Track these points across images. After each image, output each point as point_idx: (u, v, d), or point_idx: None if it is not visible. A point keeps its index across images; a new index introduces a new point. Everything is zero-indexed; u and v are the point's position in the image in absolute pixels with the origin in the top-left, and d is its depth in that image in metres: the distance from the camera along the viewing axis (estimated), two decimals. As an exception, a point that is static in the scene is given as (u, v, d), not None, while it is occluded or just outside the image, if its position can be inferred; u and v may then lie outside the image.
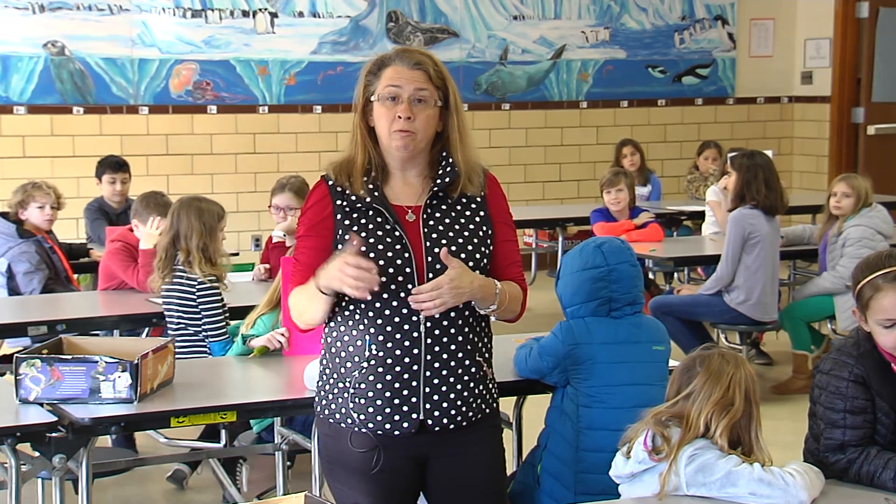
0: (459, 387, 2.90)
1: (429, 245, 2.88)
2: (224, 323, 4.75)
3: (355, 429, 2.90)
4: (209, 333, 4.73)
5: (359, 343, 2.88)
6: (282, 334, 4.13)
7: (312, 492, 3.76)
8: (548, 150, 10.14)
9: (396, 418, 2.88)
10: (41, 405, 3.52)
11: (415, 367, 2.86)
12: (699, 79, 10.61)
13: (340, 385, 2.92)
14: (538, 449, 3.70)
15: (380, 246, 2.86)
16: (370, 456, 2.89)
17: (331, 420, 2.95)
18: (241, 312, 4.57)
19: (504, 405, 3.21)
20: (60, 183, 6.59)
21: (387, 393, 2.87)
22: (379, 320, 2.85)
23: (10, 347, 5.59)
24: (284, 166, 8.93)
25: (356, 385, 2.89)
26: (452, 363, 2.89)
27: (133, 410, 3.51)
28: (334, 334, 2.94)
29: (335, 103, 9.27)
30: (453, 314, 2.87)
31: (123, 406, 3.51)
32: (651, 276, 7.16)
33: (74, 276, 6.31)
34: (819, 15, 10.67)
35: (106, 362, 3.51)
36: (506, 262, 2.99)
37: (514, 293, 2.96)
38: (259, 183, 9.00)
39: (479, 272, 2.91)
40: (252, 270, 5.89)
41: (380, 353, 2.86)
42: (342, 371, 2.92)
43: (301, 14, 9.22)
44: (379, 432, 2.89)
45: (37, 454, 3.54)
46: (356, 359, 2.89)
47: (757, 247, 6.10)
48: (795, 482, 2.80)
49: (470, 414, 2.94)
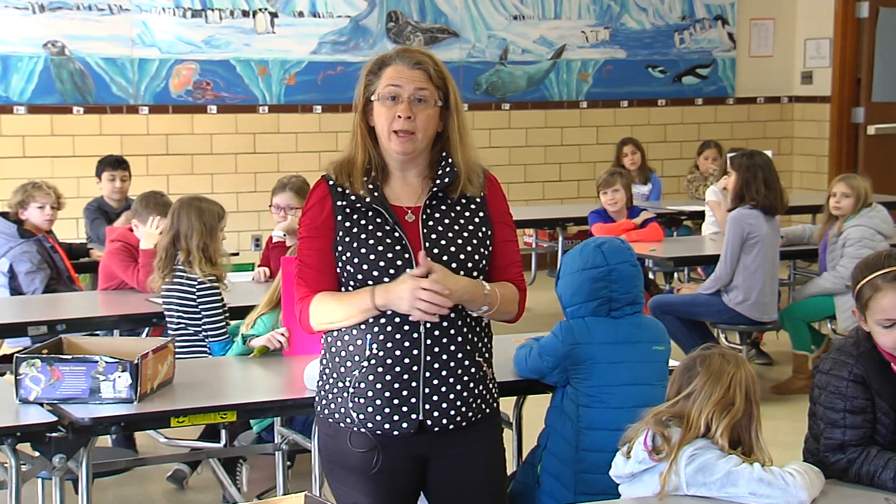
0: (459, 387, 2.90)
1: (428, 245, 2.88)
2: (224, 323, 4.75)
3: (355, 428, 2.90)
4: (209, 333, 4.73)
5: (359, 343, 2.88)
6: (282, 334, 4.12)
7: (312, 492, 3.76)
8: (548, 150, 10.14)
9: (396, 418, 2.88)
10: (41, 405, 3.51)
11: (414, 368, 2.86)
12: (699, 79, 10.60)
13: (340, 385, 2.92)
14: (538, 449, 3.70)
15: (379, 247, 2.86)
16: (370, 456, 2.89)
17: (331, 420, 2.95)
18: (241, 312, 4.57)
19: (504, 405, 3.20)
20: (60, 183, 6.59)
21: (386, 393, 2.87)
22: (380, 320, 2.85)
23: (10, 347, 5.59)
24: (284, 166, 8.93)
25: (356, 385, 2.89)
26: (452, 363, 2.89)
27: (133, 410, 3.50)
28: (335, 334, 2.94)
29: (335, 103, 9.27)
30: (453, 314, 2.86)
31: (123, 406, 3.51)
32: (651, 276, 7.16)
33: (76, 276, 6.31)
34: (819, 15, 10.67)
35: (106, 362, 3.51)
36: (505, 263, 2.98)
37: (509, 294, 2.95)
38: (259, 183, 8.99)
39: (479, 273, 2.92)
40: (252, 270, 5.89)
41: (380, 353, 2.86)
42: (342, 371, 2.92)
43: (301, 14, 9.22)
44: (378, 432, 2.89)
45: (37, 454, 3.53)
46: (356, 358, 2.89)
47: (756, 247, 6.09)
48: (795, 482, 2.80)
49: (470, 414, 2.94)
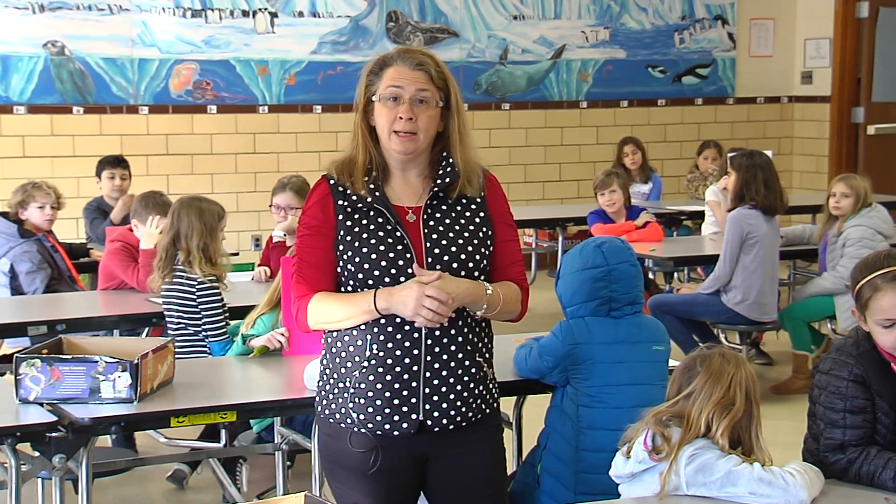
0: (459, 387, 2.90)
1: (429, 245, 2.88)
2: (224, 323, 4.75)
3: (355, 429, 2.90)
4: (209, 333, 4.73)
5: (359, 343, 2.88)
6: (282, 334, 4.12)
7: (312, 492, 3.76)
8: (548, 150, 10.14)
9: (396, 418, 2.88)
10: (41, 405, 3.51)
11: (415, 368, 2.86)
12: (699, 79, 10.60)
13: (341, 385, 2.92)
14: (538, 449, 3.70)
15: (381, 246, 2.86)
16: (370, 456, 2.89)
17: (331, 420, 2.95)
18: (241, 312, 4.57)
19: (504, 405, 3.20)
20: (60, 183, 6.58)
21: (387, 393, 2.87)
22: (380, 321, 2.85)
23: (10, 348, 5.59)
24: (284, 166, 8.93)
25: (356, 385, 2.89)
26: (452, 363, 2.89)
27: (133, 410, 3.50)
28: (335, 334, 2.94)
29: (335, 103, 9.27)
30: (453, 315, 2.86)
31: (123, 406, 3.51)
32: (651, 276, 7.16)
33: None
34: (819, 15, 10.66)
35: (106, 362, 3.51)
36: (506, 263, 2.99)
37: (511, 294, 2.95)
38: (259, 183, 8.99)
39: (480, 273, 2.92)
40: (252, 270, 5.89)
41: (380, 353, 2.86)
42: (342, 371, 2.92)
43: (301, 14, 9.21)
44: (378, 432, 2.89)
45: (37, 454, 3.53)
46: (356, 359, 2.89)
47: (755, 247, 6.09)
48: (795, 482, 2.80)
49: (470, 414, 2.94)
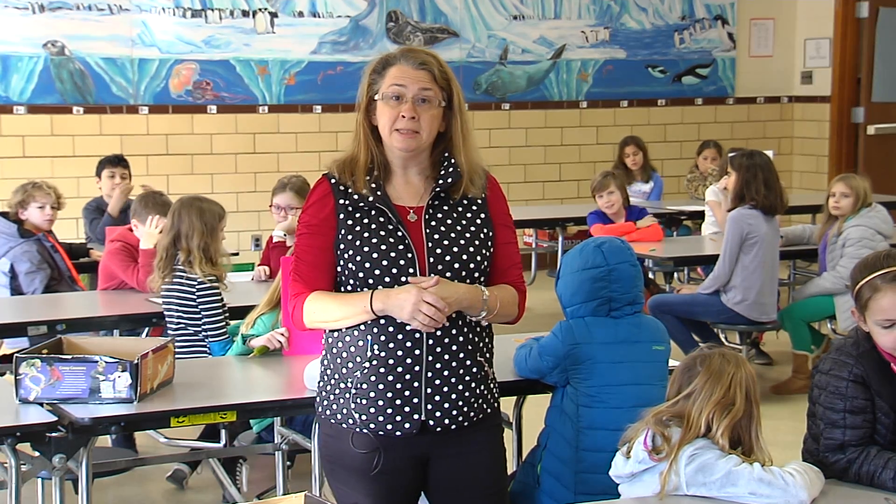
0: (461, 387, 2.90)
1: (431, 245, 2.88)
2: (224, 323, 4.75)
3: (356, 429, 2.90)
4: (209, 333, 4.73)
5: (360, 343, 2.88)
6: (282, 334, 4.12)
7: (312, 492, 3.76)
8: (548, 150, 10.14)
9: (398, 419, 2.88)
10: (41, 405, 3.51)
11: (416, 368, 2.86)
12: (699, 79, 10.60)
13: (342, 385, 2.92)
14: (538, 449, 3.70)
15: (383, 246, 2.86)
16: (371, 456, 2.89)
17: (332, 420, 2.95)
18: (241, 312, 4.57)
19: (504, 405, 3.20)
20: (60, 183, 6.58)
21: (388, 393, 2.87)
22: (381, 321, 2.85)
23: (9, 348, 5.59)
24: (284, 166, 8.93)
25: (358, 385, 2.89)
26: (454, 363, 2.89)
27: (133, 410, 3.50)
28: (336, 334, 2.94)
29: (335, 103, 9.27)
30: (454, 315, 2.86)
31: (123, 406, 3.51)
32: (651, 276, 7.16)
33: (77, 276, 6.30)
34: (819, 15, 10.66)
35: (106, 362, 3.51)
36: (506, 265, 2.99)
37: (508, 297, 2.96)
38: (259, 183, 8.99)
39: (480, 274, 2.92)
40: (252, 270, 5.89)
41: (382, 354, 2.86)
42: (343, 371, 2.92)
43: (301, 14, 9.21)
44: (380, 433, 2.89)
45: (37, 454, 3.53)
46: (358, 359, 2.89)
47: (755, 247, 6.09)
48: (795, 482, 2.80)
49: (471, 414, 2.94)
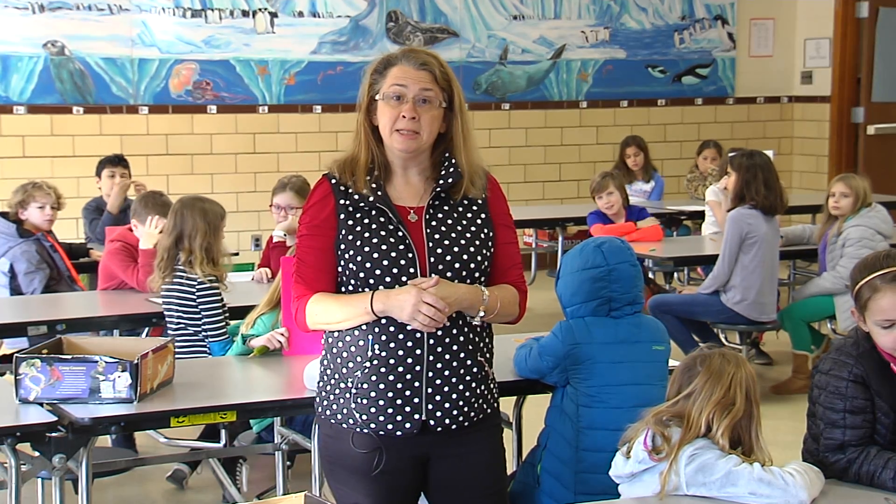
0: (462, 387, 2.91)
1: (431, 245, 2.88)
2: (224, 323, 4.75)
3: (357, 429, 2.90)
4: (209, 333, 4.73)
5: (361, 343, 2.88)
6: (282, 334, 4.12)
7: (312, 492, 3.76)
8: (548, 150, 10.13)
9: (399, 418, 2.88)
10: (41, 405, 3.51)
11: (417, 368, 2.86)
12: (699, 79, 10.60)
13: (342, 385, 2.92)
14: (538, 449, 3.70)
15: (383, 246, 2.86)
16: (372, 456, 2.89)
17: (332, 420, 2.95)
18: (241, 312, 4.57)
19: (504, 405, 3.20)
20: (60, 183, 6.58)
21: (389, 393, 2.87)
22: (382, 321, 2.85)
23: (9, 348, 5.59)
24: (284, 166, 8.93)
25: (358, 385, 2.89)
26: (455, 363, 2.89)
27: (133, 410, 3.50)
28: (336, 334, 2.94)
29: (335, 103, 9.27)
30: (454, 315, 2.87)
31: (123, 406, 3.51)
32: (651, 276, 7.16)
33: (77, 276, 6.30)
34: (819, 15, 10.66)
35: (106, 362, 3.51)
36: (507, 265, 2.99)
37: (509, 297, 2.96)
38: (259, 183, 8.99)
39: (481, 274, 2.92)
40: (252, 270, 5.89)
41: (382, 353, 2.86)
42: (344, 371, 2.92)
43: (301, 14, 9.21)
44: (381, 432, 2.89)
45: (37, 454, 3.53)
46: (358, 359, 2.89)
47: (754, 247, 6.09)
48: (795, 482, 2.80)
49: (472, 414, 2.94)
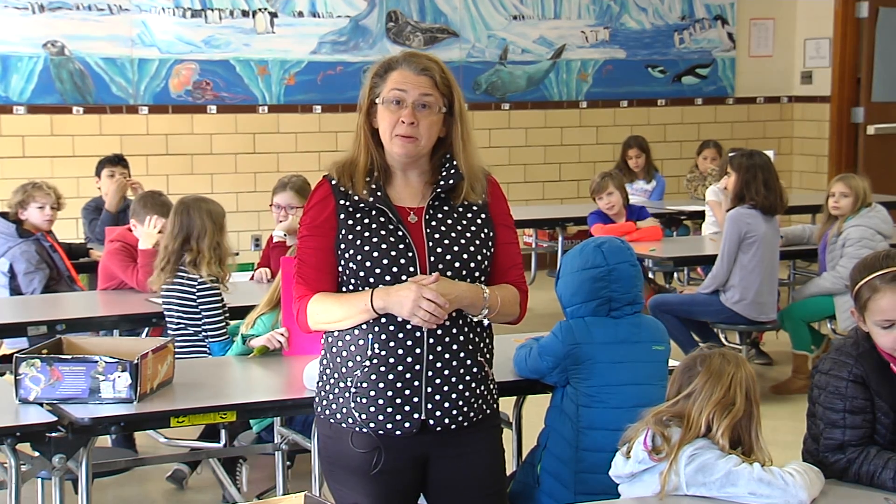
0: (461, 387, 2.91)
1: (431, 245, 2.88)
2: (224, 323, 4.75)
3: (356, 429, 2.90)
4: (209, 333, 4.73)
5: (360, 342, 2.89)
6: (282, 334, 4.13)
7: (312, 492, 3.76)
8: (548, 150, 10.13)
9: (398, 418, 2.88)
10: (41, 405, 3.51)
11: (417, 367, 2.86)
12: (699, 79, 10.60)
13: (342, 385, 2.92)
14: (538, 449, 3.69)
15: (383, 245, 2.87)
16: (371, 456, 2.89)
17: (331, 420, 2.95)
18: (241, 312, 4.57)
19: (504, 405, 3.21)
20: (60, 183, 6.58)
21: (389, 392, 2.87)
22: (380, 320, 2.86)
23: (9, 348, 5.59)
24: (284, 166, 8.93)
25: (358, 384, 2.89)
26: (454, 363, 2.89)
27: (133, 410, 3.50)
28: (335, 333, 2.94)
29: (335, 103, 9.27)
30: (454, 314, 2.87)
31: (123, 406, 3.51)
32: (651, 276, 7.16)
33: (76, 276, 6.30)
34: (819, 15, 10.66)
35: (106, 362, 3.51)
36: (507, 265, 3.00)
37: (509, 297, 2.96)
38: (259, 183, 8.99)
39: (481, 274, 2.93)
40: (252, 270, 5.89)
41: (382, 353, 2.86)
42: (343, 371, 2.92)
43: (301, 14, 9.21)
44: (380, 432, 2.89)
45: (37, 454, 3.53)
46: (358, 358, 2.89)
47: (753, 246, 6.09)
48: (795, 482, 2.80)
49: (471, 414, 2.94)
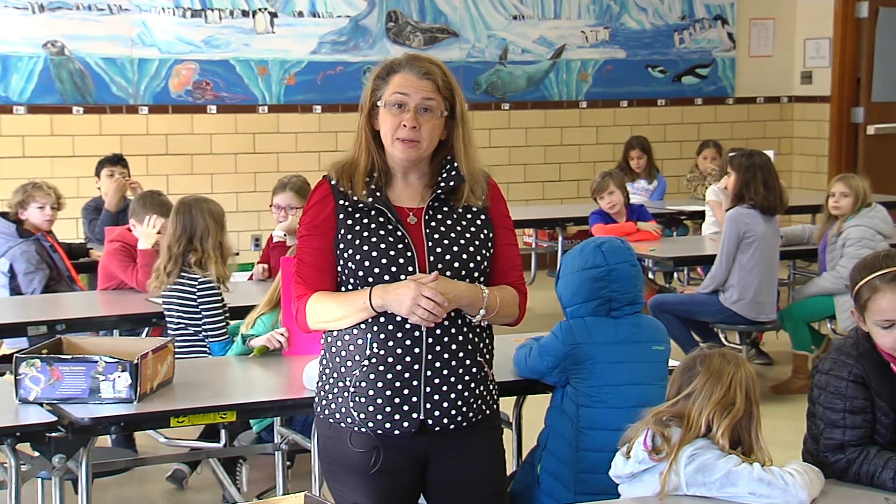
0: (460, 387, 2.91)
1: (431, 245, 2.88)
2: (224, 323, 4.75)
3: (355, 428, 2.90)
4: (209, 333, 4.73)
5: (360, 342, 2.89)
6: (282, 334, 4.13)
7: (312, 492, 3.76)
8: (547, 150, 10.13)
9: (397, 417, 2.88)
10: (41, 405, 3.51)
11: (416, 367, 2.87)
12: (699, 79, 10.60)
13: (341, 384, 2.92)
14: (538, 449, 3.70)
15: (382, 245, 2.87)
16: (370, 455, 2.90)
17: (331, 420, 2.95)
18: (241, 312, 4.57)
19: (504, 405, 3.20)
20: (60, 183, 6.58)
21: (387, 392, 2.87)
22: (379, 319, 2.86)
23: (9, 348, 5.59)
24: (284, 166, 8.93)
25: (357, 384, 2.89)
26: (454, 363, 2.89)
27: (133, 410, 3.50)
28: (335, 333, 2.94)
29: (335, 103, 9.27)
30: (454, 314, 2.87)
31: (123, 406, 3.51)
32: (651, 276, 7.16)
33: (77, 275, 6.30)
34: (819, 15, 10.66)
35: (106, 362, 3.51)
36: (506, 266, 3.00)
37: (508, 298, 2.96)
38: (259, 183, 8.99)
39: (480, 275, 2.93)
40: (252, 270, 5.89)
41: (381, 352, 2.87)
42: (342, 370, 2.92)
43: (301, 14, 9.21)
44: (379, 431, 2.89)
45: (37, 454, 3.53)
46: (357, 358, 2.89)
47: (752, 246, 6.09)
48: (795, 482, 2.80)
49: (470, 414, 2.94)
